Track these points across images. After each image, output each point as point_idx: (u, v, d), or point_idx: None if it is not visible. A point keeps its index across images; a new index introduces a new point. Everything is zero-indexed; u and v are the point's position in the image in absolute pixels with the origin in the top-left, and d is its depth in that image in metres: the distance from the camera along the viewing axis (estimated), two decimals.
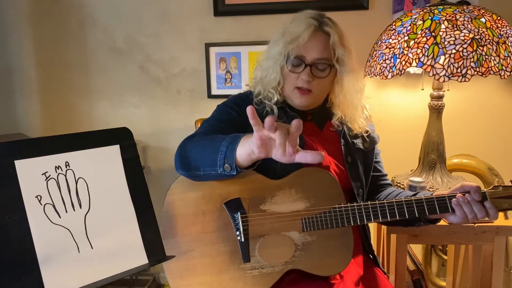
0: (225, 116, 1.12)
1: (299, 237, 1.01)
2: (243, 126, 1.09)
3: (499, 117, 1.82)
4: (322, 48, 1.07)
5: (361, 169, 1.16)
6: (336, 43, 1.07)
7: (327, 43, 1.07)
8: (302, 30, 1.06)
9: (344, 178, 1.12)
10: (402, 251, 1.36)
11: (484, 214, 0.94)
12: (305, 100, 1.11)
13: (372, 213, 0.98)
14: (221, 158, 0.90)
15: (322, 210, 1.00)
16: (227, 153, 0.90)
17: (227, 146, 0.90)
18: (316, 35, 1.07)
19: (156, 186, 1.04)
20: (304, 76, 1.07)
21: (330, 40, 1.07)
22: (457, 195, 0.95)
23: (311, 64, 1.07)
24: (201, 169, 0.96)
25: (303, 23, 1.07)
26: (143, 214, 0.90)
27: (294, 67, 1.09)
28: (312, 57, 1.07)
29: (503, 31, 1.27)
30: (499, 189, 0.96)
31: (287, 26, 1.11)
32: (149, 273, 2.17)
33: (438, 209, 0.96)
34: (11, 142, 0.78)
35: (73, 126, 2.11)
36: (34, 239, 0.77)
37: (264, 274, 1.00)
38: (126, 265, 0.86)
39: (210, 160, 0.93)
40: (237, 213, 0.99)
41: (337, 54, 1.07)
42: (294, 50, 1.07)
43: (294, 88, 1.11)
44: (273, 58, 1.11)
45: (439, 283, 1.89)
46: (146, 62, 2.02)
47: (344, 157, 1.14)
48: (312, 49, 1.07)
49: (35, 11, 2.03)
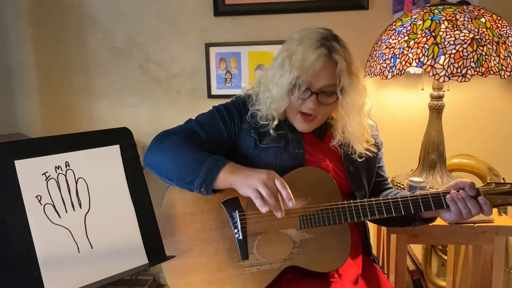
0: (209, 123, 1.11)
1: (297, 235, 1.02)
2: (225, 139, 1.11)
3: (499, 117, 1.82)
4: (330, 76, 1.03)
5: (364, 177, 1.14)
6: (343, 71, 1.02)
7: (334, 70, 1.03)
8: (311, 62, 1.00)
9: (346, 187, 1.11)
10: (402, 251, 1.36)
11: (478, 209, 0.95)
12: (308, 127, 1.09)
13: (369, 209, 1.00)
14: (199, 183, 0.97)
15: (319, 207, 1.01)
16: (206, 179, 0.96)
17: (206, 173, 0.96)
18: (325, 64, 1.02)
19: (156, 186, 1.04)
20: (310, 104, 1.04)
21: (337, 68, 1.02)
22: (451, 192, 0.96)
23: (317, 92, 1.04)
24: (175, 182, 1.01)
25: (312, 52, 1.01)
26: (143, 214, 0.90)
27: (301, 94, 1.04)
28: (320, 85, 1.03)
29: (503, 31, 1.27)
30: (492, 185, 0.98)
31: (294, 48, 1.04)
32: (149, 273, 2.17)
33: (433, 205, 0.97)
34: (11, 142, 0.78)
35: (73, 126, 2.10)
36: (34, 239, 0.77)
37: (263, 271, 1.01)
38: (126, 265, 0.86)
39: (187, 179, 0.98)
40: (235, 212, 1.00)
41: (342, 83, 1.03)
42: (304, 81, 1.02)
43: (297, 113, 1.08)
44: (282, 86, 1.05)
45: (439, 283, 1.89)
46: (146, 62, 2.02)
47: (346, 167, 1.12)
48: (320, 78, 1.03)
49: (35, 11, 2.03)
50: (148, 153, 1.08)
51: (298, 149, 1.08)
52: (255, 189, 0.91)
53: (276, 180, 0.93)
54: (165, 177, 1.03)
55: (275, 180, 0.93)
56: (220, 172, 0.96)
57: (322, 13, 1.85)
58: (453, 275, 1.66)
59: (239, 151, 1.11)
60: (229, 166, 0.97)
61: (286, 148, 1.08)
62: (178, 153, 1.02)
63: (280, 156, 1.07)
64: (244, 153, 1.10)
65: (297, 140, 1.10)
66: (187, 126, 1.11)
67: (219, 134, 1.10)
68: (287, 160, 1.07)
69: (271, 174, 0.94)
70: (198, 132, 1.09)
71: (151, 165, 1.06)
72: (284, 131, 1.10)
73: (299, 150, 1.08)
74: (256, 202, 0.91)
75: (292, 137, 1.10)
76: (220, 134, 1.10)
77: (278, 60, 1.08)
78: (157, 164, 1.05)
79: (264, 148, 1.08)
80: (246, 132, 1.11)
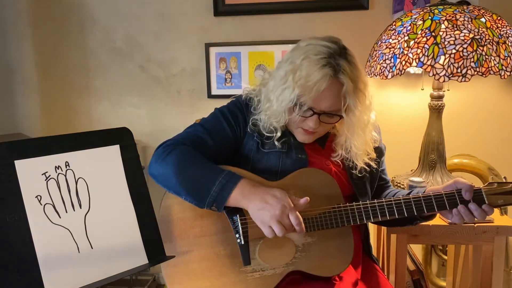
0: (215, 128, 1.08)
1: (300, 238, 1.00)
2: (232, 143, 1.08)
3: (499, 117, 1.82)
4: (334, 98, 0.98)
5: (368, 183, 1.13)
6: (349, 92, 0.98)
7: (339, 92, 0.98)
8: (315, 81, 0.95)
9: (348, 191, 1.10)
10: (402, 251, 1.36)
11: (484, 215, 0.95)
12: (309, 138, 1.07)
13: (372, 212, 0.98)
14: (210, 202, 0.94)
15: (322, 210, 1.00)
16: (218, 198, 0.94)
17: (218, 192, 0.94)
18: (330, 85, 0.96)
19: (156, 186, 1.03)
20: (311, 123, 1.01)
21: (343, 89, 0.98)
22: (458, 207, 0.95)
23: (320, 113, 1.00)
24: (183, 197, 0.98)
25: (317, 71, 0.95)
26: (143, 214, 0.90)
27: (302, 112, 1.01)
28: (323, 106, 0.99)
29: (503, 31, 1.27)
30: (494, 185, 0.97)
31: (298, 63, 0.99)
32: (149, 273, 2.17)
33: (436, 207, 0.97)
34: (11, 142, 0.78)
35: (73, 126, 2.10)
36: (34, 239, 0.77)
37: (266, 277, 0.99)
38: (126, 265, 0.86)
39: (197, 197, 0.96)
40: (236, 216, 0.98)
41: (347, 103, 0.99)
42: (306, 101, 0.98)
43: (298, 127, 1.06)
44: (282, 102, 1.01)
45: (439, 283, 1.89)
46: (146, 62, 2.02)
47: (349, 175, 1.11)
48: (324, 98, 0.98)
49: (35, 11, 2.03)
50: (154, 164, 1.01)
51: (301, 154, 1.07)
52: (269, 226, 0.90)
53: (291, 216, 0.89)
54: (173, 191, 0.99)
55: (289, 216, 0.89)
56: (232, 192, 0.93)
57: (322, 13, 1.85)
58: (453, 275, 1.66)
59: (241, 152, 1.10)
60: (241, 186, 0.93)
61: (288, 153, 1.07)
62: (187, 167, 0.98)
63: (282, 160, 1.06)
64: (246, 155, 1.09)
65: (299, 146, 1.08)
66: (194, 134, 1.06)
67: (225, 139, 1.08)
68: (289, 165, 1.05)
69: (285, 208, 0.90)
70: (205, 139, 1.05)
71: (157, 177, 1.01)
72: (286, 138, 1.08)
73: (302, 155, 1.07)
74: (266, 235, 0.91)
75: (294, 143, 1.08)
76: (226, 139, 1.08)
77: (281, 72, 1.03)
78: (164, 177, 0.99)
79: (266, 152, 1.07)
80: (249, 135, 1.09)
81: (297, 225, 0.90)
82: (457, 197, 0.96)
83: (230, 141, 1.08)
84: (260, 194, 0.92)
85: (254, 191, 0.93)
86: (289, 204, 0.90)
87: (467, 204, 0.95)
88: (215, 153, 1.05)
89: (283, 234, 0.89)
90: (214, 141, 1.06)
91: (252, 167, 1.07)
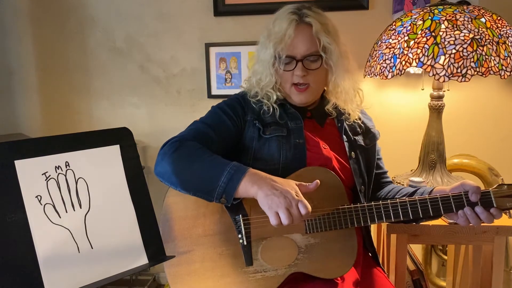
0: (216, 122, 1.09)
1: (302, 240, 1.00)
2: (234, 135, 1.10)
3: (499, 117, 1.82)
4: (308, 40, 1.07)
5: (363, 166, 1.16)
6: (319, 31, 1.06)
7: (311, 34, 1.07)
8: (285, 29, 1.06)
9: (347, 175, 1.12)
10: (402, 251, 1.36)
11: (491, 219, 0.95)
12: (304, 97, 1.11)
13: (376, 214, 0.97)
14: (219, 193, 0.93)
15: (325, 211, 0.99)
16: (227, 188, 0.92)
17: (227, 182, 0.92)
18: (300, 29, 1.07)
19: (156, 186, 1.03)
20: (298, 72, 1.07)
21: (313, 29, 1.06)
22: (464, 209, 0.95)
23: (301, 59, 1.07)
24: (192, 192, 0.96)
25: (284, 21, 1.07)
26: (143, 214, 0.90)
27: (287, 66, 1.09)
28: (301, 52, 1.07)
29: (503, 31, 1.27)
30: (504, 188, 0.95)
31: (271, 27, 1.11)
32: (149, 273, 2.17)
33: (442, 209, 0.96)
34: (11, 142, 0.78)
35: (73, 126, 2.10)
36: (34, 239, 0.77)
37: (268, 278, 0.98)
38: (126, 265, 0.86)
39: (206, 189, 0.94)
40: (239, 216, 0.98)
41: (322, 42, 1.07)
42: (283, 50, 1.07)
43: (291, 85, 1.11)
44: (265, 61, 1.12)
45: (439, 283, 1.89)
46: (146, 62, 2.02)
47: (348, 153, 1.13)
48: (299, 44, 1.07)
49: (35, 11, 2.03)
50: (160, 162, 1.00)
51: (298, 139, 1.09)
52: (276, 212, 0.86)
53: (301, 206, 0.87)
54: (180, 187, 0.97)
55: (299, 206, 0.87)
56: (241, 181, 0.91)
57: None
58: (453, 275, 1.66)
59: (242, 143, 1.11)
60: (250, 174, 0.92)
61: (287, 138, 1.09)
62: (194, 161, 0.97)
63: (282, 146, 1.08)
64: (248, 145, 1.10)
65: (298, 129, 1.10)
66: (197, 130, 1.07)
67: (227, 132, 1.09)
68: (288, 150, 1.07)
69: (295, 197, 0.88)
70: (208, 133, 1.06)
71: (164, 175, 0.99)
72: (285, 120, 1.11)
73: (299, 140, 1.09)
74: (272, 222, 0.87)
75: (293, 127, 1.10)
76: (228, 131, 1.09)
77: (260, 43, 1.16)
78: (172, 174, 0.97)
79: (268, 138, 1.08)
80: (250, 123, 1.11)
81: (304, 209, 0.86)
82: (464, 199, 0.95)
83: (232, 133, 1.10)
84: (269, 181, 0.91)
85: (264, 178, 0.92)
86: (298, 192, 0.90)
87: (473, 207, 0.94)
88: (219, 146, 1.06)
89: (288, 222, 0.85)
90: (217, 135, 1.07)
91: (253, 157, 1.08)
